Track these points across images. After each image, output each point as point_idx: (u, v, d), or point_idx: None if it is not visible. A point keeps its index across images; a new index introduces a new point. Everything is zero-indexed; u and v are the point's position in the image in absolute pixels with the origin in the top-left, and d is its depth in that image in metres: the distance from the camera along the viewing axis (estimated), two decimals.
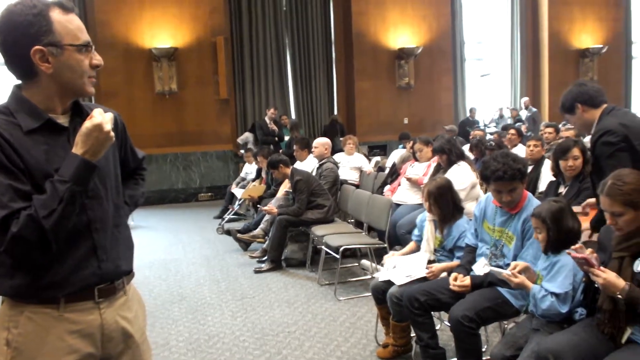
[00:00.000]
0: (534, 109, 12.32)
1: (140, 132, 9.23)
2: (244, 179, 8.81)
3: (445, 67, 12.07)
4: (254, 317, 4.40)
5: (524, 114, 12.19)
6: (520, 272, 2.66)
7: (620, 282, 2.13)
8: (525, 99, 12.36)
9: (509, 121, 11.83)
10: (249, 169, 8.90)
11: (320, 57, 11.64)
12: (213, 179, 10.76)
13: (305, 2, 11.44)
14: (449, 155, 4.95)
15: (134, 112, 9.85)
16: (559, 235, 2.57)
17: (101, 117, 1.48)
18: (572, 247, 2.27)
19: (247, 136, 10.53)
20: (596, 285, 2.22)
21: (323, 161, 6.33)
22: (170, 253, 6.63)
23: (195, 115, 10.45)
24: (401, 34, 11.56)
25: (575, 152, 3.92)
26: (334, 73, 11.92)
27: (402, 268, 3.46)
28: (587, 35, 13.23)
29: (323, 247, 5.19)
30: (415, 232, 3.78)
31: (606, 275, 2.14)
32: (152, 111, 10.20)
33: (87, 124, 1.48)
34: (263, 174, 7.72)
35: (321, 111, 11.79)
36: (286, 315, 4.40)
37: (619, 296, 2.13)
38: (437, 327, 3.59)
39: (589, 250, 2.23)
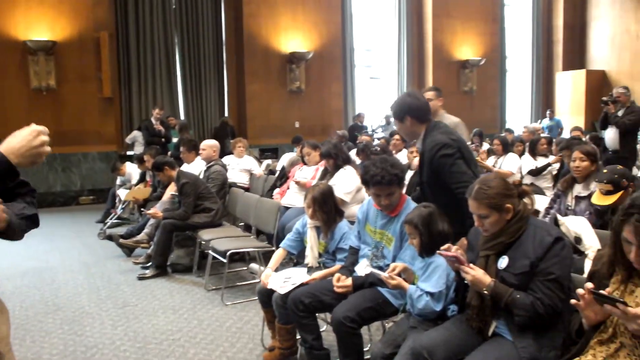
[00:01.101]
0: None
1: (12, 131, 8.52)
2: (124, 183, 8.35)
3: (335, 72, 12.34)
4: (136, 325, 4.22)
5: None
6: (399, 274, 2.77)
7: (487, 279, 2.27)
8: None
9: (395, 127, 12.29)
10: (131, 170, 8.39)
11: (211, 58, 11.45)
12: (95, 181, 10.22)
13: (195, 1, 11.21)
14: (336, 160, 5.05)
15: (5, 108, 9.13)
16: (431, 238, 2.71)
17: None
18: (442, 247, 2.39)
19: (135, 135, 10.11)
20: (465, 282, 2.36)
21: (211, 164, 6.22)
22: (46, 261, 6.20)
23: (76, 113, 9.88)
24: (292, 38, 11.66)
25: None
26: (225, 74, 11.78)
27: (286, 274, 3.48)
28: (467, 48, 14.11)
29: (210, 251, 5.10)
30: (289, 237, 3.79)
31: (474, 273, 2.27)
32: (27, 108, 9.50)
33: None
34: (148, 177, 7.43)
35: (211, 113, 11.60)
36: (171, 323, 4.27)
37: (485, 292, 2.28)
38: (323, 329, 3.65)
39: (455, 247, 2.36)
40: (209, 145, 6.38)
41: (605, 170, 3.61)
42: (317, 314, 3.26)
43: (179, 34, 11.21)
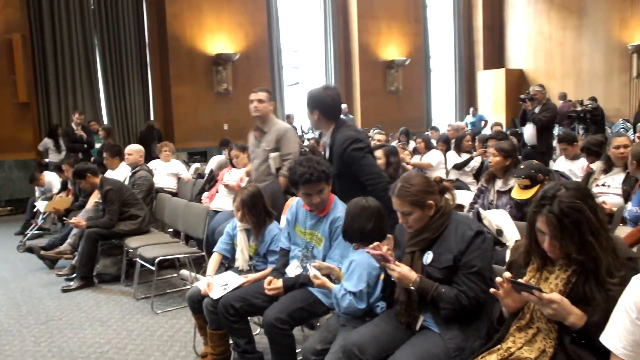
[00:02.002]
0: (351, 116, 13.08)
1: None
2: (44, 193, 7.94)
3: (262, 74, 12.28)
4: (60, 340, 4.04)
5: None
6: (328, 274, 2.80)
7: (413, 275, 2.32)
8: (344, 105, 13.03)
9: None
10: (51, 179, 7.98)
11: (134, 60, 11.11)
12: (13, 190, 9.70)
13: (115, 2, 10.85)
14: None
15: None
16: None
17: None
18: (370, 246, 2.42)
19: (46, 142, 9.66)
20: (392, 279, 2.40)
21: (136, 169, 6.03)
22: None
23: None
24: (218, 39, 11.51)
25: (378, 153, 4.21)
26: (149, 77, 11.46)
27: (219, 278, 3.43)
28: (392, 48, 14.42)
29: (138, 259, 4.95)
30: (222, 240, 3.74)
31: (400, 269, 2.32)
32: None
33: None
34: (70, 185, 7.12)
35: (136, 116, 11.26)
36: (98, 335, 4.11)
37: (412, 288, 2.33)
38: (256, 332, 3.63)
39: (381, 244, 2.40)
40: (135, 150, 6.19)
41: (522, 166, 3.78)
42: (249, 318, 3.24)
43: (99, 36, 10.82)
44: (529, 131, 7.16)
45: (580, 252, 1.85)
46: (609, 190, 4.39)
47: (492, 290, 2.00)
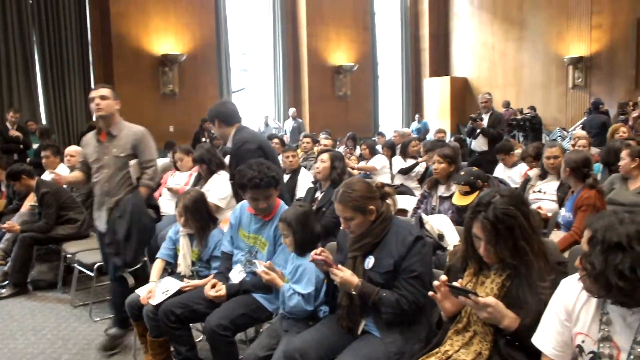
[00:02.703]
0: (300, 120, 13.08)
1: None
2: None
3: (210, 76, 12.14)
4: None
5: (289, 124, 12.83)
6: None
7: (355, 280, 2.34)
8: (293, 109, 13.03)
9: (274, 131, 12.36)
10: None
11: (75, 58, 10.73)
12: None
13: None
14: (209, 165, 4.95)
15: None
16: (305, 237, 2.75)
17: None
18: (314, 251, 2.43)
19: None
20: (335, 284, 2.41)
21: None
22: None
23: None
24: (164, 40, 11.30)
25: (324, 157, 4.21)
26: (92, 76, 11.10)
27: (159, 285, 3.35)
28: (341, 54, 14.54)
29: (76, 265, 4.78)
30: (164, 245, 3.66)
31: (343, 274, 2.33)
32: None
33: None
34: (3, 187, 6.80)
35: (77, 117, 10.88)
36: (31, 345, 3.94)
37: (354, 292, 2.35)
38: (199, 339, 3.57)
39: (320, 249, 2.41)
40: (75, 151, 5.97)
41: (462, 173, 3.87)
42: (190, 325, 3.18)
43: (38, 32, 10.40)
44: (479, 140, 7.44)
45: (513, 256, 1.91)
46: (544, 196, 4.56)
47: (430, 293, 2.04)
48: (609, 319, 1.64)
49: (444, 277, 2.01)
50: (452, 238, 3.47)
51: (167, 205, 5.39)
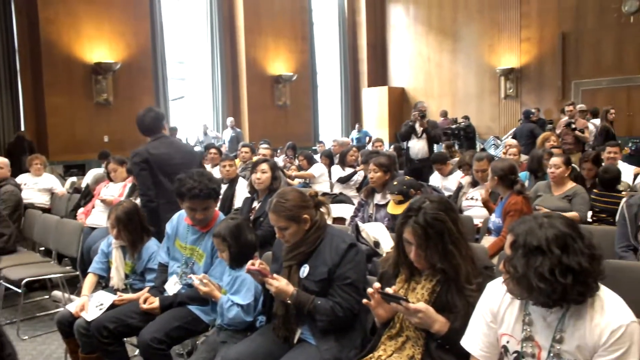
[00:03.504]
0: (239, 129, 12.99)
1: None
2: None
3: (146, 84, 11.87)
4: None
5: (228, 133, 12.72)
6: None
7: (290, 288, 2.35)
8: (231, 119, 12.92)
9: (213, 140, 12.22)
10: None
11: (1, 67, 10.25)
12: None
13: None
14: None
15: None
16: (240, 249, 2.73)
17: None
18: (250, 261, 2.42)
19: None
20: (271, 293, 2.41)
21: (2, 183, 5.57)
22: None
23: None
24: (97, 47, 10.98)
25: (264, 167, 4.18)
26: (19, 85, 10.60)
27: (93, 299, 3.25)
28: (280, 64, 14.57)
29: (2, 281, 4.56)
30: (96, 259, 3.55)
31: (278, 284, 2.33)
32: None
33: None
34: None
35: (4, 127, 10.35)
36: None
37: (289, 301, 2.36)
38: (134, 354, 3.47)
39: (259, 262, 2.40)
40: (2, 162, 5.74)
41: (395, 182, 3.94)
42: (124, 339, 3.09)
43: None
44: (419, 146, 7.59)
45: (442, 260, 1.97)
46: (476, 203, 4.71)
47: (364, 301, 2.08)
48: (530, 320, 1.72)
49: (377, 285, 2.04)
50: (388, 245, 3.53)
51: (99, 217, 5.24)
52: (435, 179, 6.39)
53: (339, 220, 5.10)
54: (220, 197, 5.29)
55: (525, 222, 1.67)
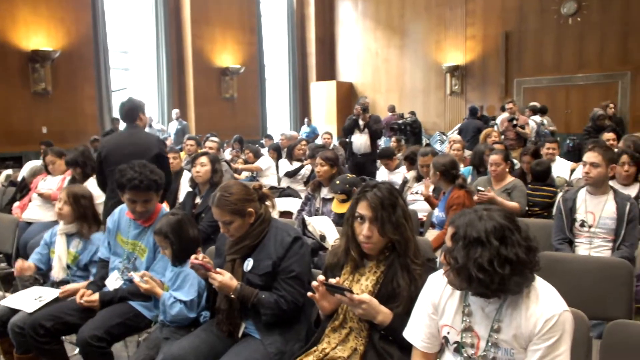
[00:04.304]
0: (185, 122, 12.74)
1: None
2: None
3: (87, 74, 11.46)
4: None
5: (174, 126, 12.46)
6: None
7: (234, 283, 2.33)
8: (176, 111, 12.65)
9: (158, 133, 11.92)
10: None
11: None
12: None
13: None
14: (84, 168, 4.69)
15: None
16: (182, 246, 2.68)
17: None
18: (193, 255, 2.38)
19: None
20: (214, 287, 2.38)
21: None
22: None
23: None
24: (35, 34, 10.51)
25: (203, 160, 4.12)
26: None
27: (31, 293, 3.12)
28: (227, 56, 14.36)
29: None
30: (37, 251, 3.40)
31: (222, 278, 2.31)
32: None
33: None
34: None
35: None
36: None
37: (232, 296, 2.33)
38: (74, 353, 3.35)
39: (202, 256, 2.37)
40: None
41: (337, 181, 3.95)
42: (63, 337, 2.98)
43: None
44: (361, 140, 7.64)
45: (395, 232, 2.02)
46: (421, 197, 4.80)
47: (308, 293, 2.08)
48: (470, 311, 1.76)
49: (321, 277, 2.05)
50: (334, 238, 3.55)
51: (37, 212, 5.04)
52: (382, 174, 6.47)
53: (286, 214, 5.10)
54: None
55: (465, 215, 1.70)
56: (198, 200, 4.17)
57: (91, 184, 4.63)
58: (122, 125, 11.41)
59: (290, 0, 16.75)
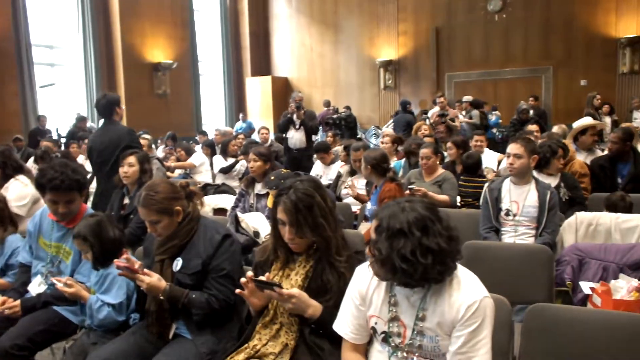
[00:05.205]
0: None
1: None
2: None
3: (9, 70, 10.92)
4: None
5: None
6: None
7: (162, 284, 2.27)
8: None
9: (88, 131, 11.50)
10: None
11: None
12: None
13: None
14: (4, 169, 4.44)
15: None
16: (104, 248, 2.59)
17: None
18: (119, 258, 2.31)
19: None
20: (142, 289, 2.32)
21: None
22: None
23: None
24: None
25: (131, 159, 3.97)
26: None
27: None
28: (159, 51, 14.00)
29: None
30: None
31: (149, 279, 2.25)
32: None
33: None
34: None
35: None
36: None
37: (162, 297, 2.28)
38: None
39: (126, 256, 2.30)
40: None
41: (272, 177, 3.94)
42: None
43: None
44: (297, 137, 7.68)
45: (314, 234, 2.03)
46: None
47: (237, 291, 2.06)
48: (396, 301, 1.80)
49: (250, 273, 2.04)
50: (267, 234, 3.54)
51: None
52: (317, 168, 6.50)
53: (221, 211, 5.03)
54: (94, 191, 5.04)
55: (389, 207, 1.74)
56: (127, 200, 4.04)
57: (13, 186, 4.41)
58: (96, 123, 10.99)
59: None
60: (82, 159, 7.05)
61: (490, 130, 10.13)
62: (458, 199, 4.73)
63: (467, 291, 1.71)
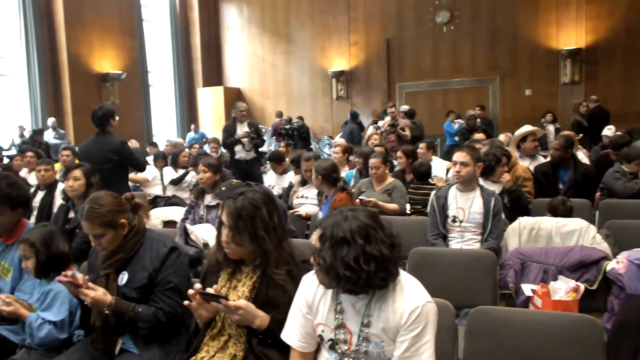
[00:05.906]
0: (62, 131, 12.01)
1: None
2: None
3: None
4: None
5: (50, 135, 11.69)
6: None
7: (108, 298, 2.23)
8: (52, 119, 11.86)
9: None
10: None
11: None
12: None
13: None
14: None
15: None
16: (50, 258, 2.53)
17: None
18: (63, 272, 2.25)
19: None
20: (86, 304, 2.26)
21: None
22: None
23: None
24: None
25: (76, 173, 3.87)
26: None
27: None
28: (107, 61, 13.71)
29: None
30: None
31: (94, 294, 2.20)
32: None
33: None
34: None
35: None
36: None
37: (107, 311, 2.23)
38: None
39: (71, 272, 2.25)
40: None
41: (223, 188, 3.90)
42: None
43: None
44: (246, 153, 7.58)
45: (252, 242, 2.02)
46: (307, 200, 4.89)
47: (185, 302, 2.04)
48: (342, 308, 1.82)
49: (197, 285, 2.02)
50: None
51: None
52: (270, 178, 6.49)
53: (171, 223, 4.95)
54: (38, 204, 4.89)
55: (332, 216, 1.76)
56: (72, 214, 3.93)
57: None
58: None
59: (173, 4, 16.34)
60: (24, 172, 6.82)
61: (452, 137, 10.37)
62: (408, 206, 4.81)
63: (409, 297, 1.75)
